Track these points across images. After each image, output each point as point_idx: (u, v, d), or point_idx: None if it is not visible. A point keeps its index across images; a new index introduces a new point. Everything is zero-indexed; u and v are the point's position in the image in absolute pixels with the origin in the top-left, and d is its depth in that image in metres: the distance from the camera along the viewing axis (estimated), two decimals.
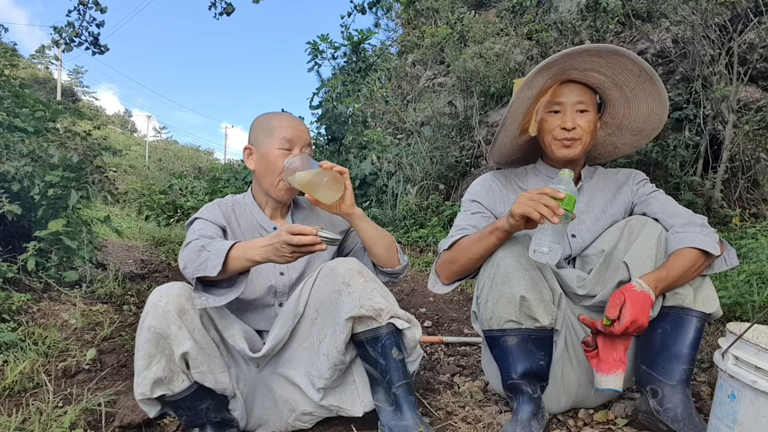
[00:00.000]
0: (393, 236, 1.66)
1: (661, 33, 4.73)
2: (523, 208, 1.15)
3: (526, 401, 1.30)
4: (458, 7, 8.12)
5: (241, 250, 1.16)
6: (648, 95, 1.40)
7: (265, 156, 1.41)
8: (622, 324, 1.17)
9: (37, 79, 27.84)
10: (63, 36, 5.90)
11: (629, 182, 1.51)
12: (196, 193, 8.34)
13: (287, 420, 1.38)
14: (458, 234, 1.40)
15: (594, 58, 1.33)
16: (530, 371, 1.29)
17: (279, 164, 1.38)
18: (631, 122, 1.49)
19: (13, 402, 1.54)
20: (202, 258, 1.19)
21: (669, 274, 1.23)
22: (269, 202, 1.47)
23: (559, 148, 1.41)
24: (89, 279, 2.86)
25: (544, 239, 1.16)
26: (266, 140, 1.41)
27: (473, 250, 1.33)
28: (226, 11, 5.83)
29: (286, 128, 1.41)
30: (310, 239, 1.10)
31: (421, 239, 5.02)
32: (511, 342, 1.29)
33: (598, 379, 1.25)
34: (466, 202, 1.53)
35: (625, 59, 1.32)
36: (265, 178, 1.42)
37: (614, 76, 1.39)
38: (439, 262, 1.44)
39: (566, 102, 1.39)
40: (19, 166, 2.59)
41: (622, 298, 1.19)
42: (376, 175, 6.57)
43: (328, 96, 7.78)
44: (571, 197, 1.15)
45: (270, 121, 1.44)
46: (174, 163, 25.69)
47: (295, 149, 1.41)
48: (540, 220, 1.13)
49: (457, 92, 6.56)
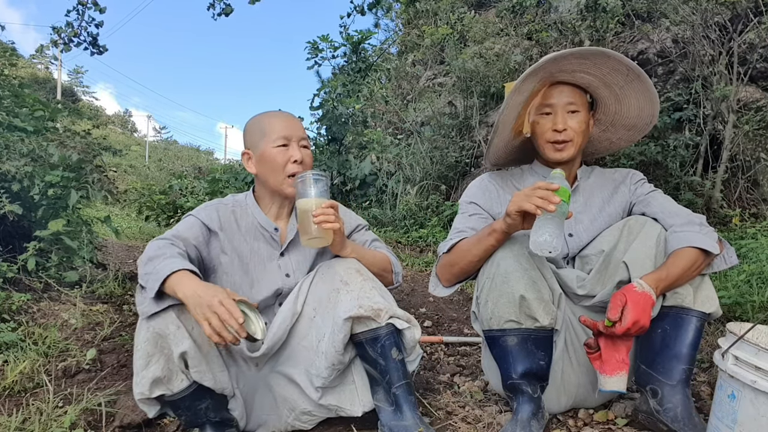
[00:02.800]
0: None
1: (661, 33, 4.73)
2: (517, 204, 1.16)
3: (526, 401, 1.30)
4: (458, 7, 8.12)
5: (176, 279, 1.15)
6: (637, 92, 1.41)
7: (263, 157, 1.40)
8: (624, 325, 1.17)
9: (36, 79, 27.84)
10: (62, 36, 5.87)
11: (627, 182, 1.51)
12: (196, 193, 8.33)
13: (286, 420, 1.38)
14: (457, 237, 1.40)
15: (580, 60, 1.34)
16: (530, 371, 1.29)
17: (279, 160, 1.38)
18: (623, 118, 1.50)
19: (13, 402, 1.54)
20: (148, 269, 1.19)
21: (669, 274, 1.23)
22: (275, 202, 1.46)
23: (551, 151, 1.42)
24: (89, 279, 2.86)
25: (543, 229, 1.15)
26: (261, 141, 1.41)
27: (473, 253, 1.33)
28: (224, 12, 5.81)
29: (279, 125, 1.41)
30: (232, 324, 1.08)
31: (421, 239, 5.01)
32: (511, 342, 1.29)
33: (601, 381, 1.25)
34: (463, 204, 1.53)
35: (611, 60, 1.33)
36: (271, 178, 1.41)
37: (603, 77, 1.40)
38: (438, 265, 1.44)
39: (557, 104, 1.40)
40: (19, 165, 2.58)
41: (624, 299, 1.19)
42: (375, 175, 6.57)
43: (329, 97, 7.77)
44: (564, 190, 1.15)
45: (262, 122, 1.44)
46: (174, 163, 25.68)
47: (292, 143, 1.40)
48: (536, 211, 1.13)
49: (457, 92, 6.55)
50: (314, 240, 1.29)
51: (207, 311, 1.09)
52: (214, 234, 1.40)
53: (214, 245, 1.40)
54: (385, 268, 1.47)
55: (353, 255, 1.40)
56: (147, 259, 1.23)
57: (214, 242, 1.40)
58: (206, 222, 1.39)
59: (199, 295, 1.11)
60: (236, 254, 1.41)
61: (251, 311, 1.20)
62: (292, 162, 1.38)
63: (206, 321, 1.09)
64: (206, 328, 1.09)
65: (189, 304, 1.12)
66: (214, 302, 1.09)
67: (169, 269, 1.15)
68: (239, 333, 1.09)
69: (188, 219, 1.40)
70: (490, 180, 1.55)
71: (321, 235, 1.28)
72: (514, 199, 1.18)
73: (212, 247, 1.39)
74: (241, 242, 1.42)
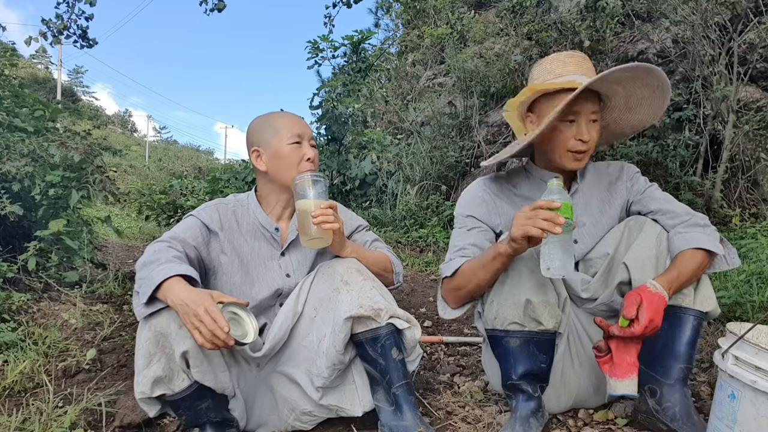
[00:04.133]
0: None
1: (661, 33, 4.73)
2: (522, 229, 1.11)
3: (526, 399, 1.30)
4: (458, 7, 8.12)
5: (167, 286, 1.15)
6: (652, 108, 1.40)
7: (277, 154, 1.41)
8: (642, 323, 1.15)
9: (36, 79, 27.84)
10: (51, 28, 5.83)
11: (622, 178, 1.47)
12: (197, 193, 8.33)
13: (287, 420, 1.38)
14: (458, 257, 1.37)
15: (623, 74, 1.29)
16: (531, 372, 1.29)
17: (294, 157, 1.40)
18: (620, 126, 1.48)
19: (13, 402, 1.54)
20: (143, 274, 1.20)
21: (680, 275, 1.23)
22: (281, 201, 1.47)
23: (570, 161, 1.36)
24: (89, 279, 2.86)
25: (554, 254, 1.13)
26: (274, 139, 1.41)
27: (479, 277, 1.29)
28: (217, 7, 5.78)
29: (293, 124, 1.44)
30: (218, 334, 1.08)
31: (421, 239, 5.02)
32: (514, 343, 1.28)
33: (612, 385, 1.23)
34: (460, 218, 1.47)
35: (653, 76, 1.28)
36: (283, 175, 1.41)
37: (633, 89, 1.36)
38: (444, 290, 1.40)
39: (582, 112, 1.32)
40: (19, 166, 2.58)
41: (639, 298, 1.17)
42: (375, 175, 6.57)
43: (329, 96, 7.77)
44: (567, 205, 1.11)
45: (273, 121, 1.45)
46: (174, 163, 25.70)
47: (304, 142, 1.42)
48: (542, 235, 1.09)
49: (457, 92, 6.56)
50: (314, 241, 1.29)
51: (195, 320, 1.09)
52: (214, 234, 1.40)
53: (214, 245, 1.40)
54: (386, 267, 1.47)
55: (353, 255, 1.40)
56: (142, 264, 1.23)
57: (214, 242, 1.40)
58: (206, 222, 1.39)
59: (186, 303, 1.11)
60: (236, 254, 1.41)
61: (243, 312, 1.20)
62: (305, 160, 1.40)
63: (196, 330, 1.10)
64: (197, 337, 1.10)
65: (178, 312, 1.13)
66: (200, 311, 1.09)
67: (161, 276, 1.15)
68: (226, 342, 1.09)
69: (188, 219, 1.40)
70: (485, 188, 1.48)
71: (321, 236, 1.28)
72: (516, 222, 1.13)
73: (212, 248, 1.39)
74: (242, 242, 1.43)
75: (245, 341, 1.16)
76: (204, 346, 1.10)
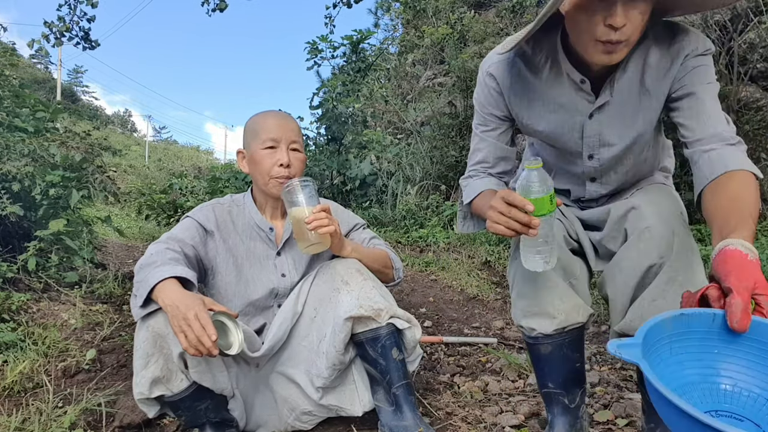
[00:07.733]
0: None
1: None
2: (494, 227, 1.00)
3: (561, 413, 1.23)
4: (458, 6, 8.12)
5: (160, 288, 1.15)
6: None
7: (252, 158, 1.40)
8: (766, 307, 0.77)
9: (36, 80, 27.85)
10: (53, 30, 5.83)
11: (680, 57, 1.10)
12: (197, 192, 8.33)
13: (287, 420, 1.38)
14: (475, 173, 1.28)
15: None
16: (567, 378, 1.21)
17: (265, 164, 1.37)
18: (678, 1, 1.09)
19: (13, 402, 1.54)
20: (140, 276, 1.20)
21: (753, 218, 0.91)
22: (269, 202, 1.47)
23: (598, 53, 1.01)
24: (89, 279, 2.86)
25: (532, 249, 1.06)
26: (253, 142, 1.41)
27: None
28: (218, 7, 5.79)
29: (270, 127, 1.40)
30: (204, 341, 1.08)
31: (421, 239, 5.01)
32: (545, 350, 1.20)
33: None
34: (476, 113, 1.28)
35: None
36: (257, 180, 1.42)
37: None
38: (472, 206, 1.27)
39: None
40: (20, 166, 2.58)
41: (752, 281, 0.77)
42: (375, 175, 6.57)
43: (328, 96, 7.78)
44: (544, 199, 0.99)
45: (256, 123, 1.43)
46: (174, 163, 25.68)
47: (281, 146, 1.38)
48: (515, 236, 1.01)
49: (457, 92, 6.56)
50: (313, 246, 1.29)
51: (183, 324, 1.09)
52: (210, 234, 1.40)
53: (211, 245, 1.40)
54: (386, 264, 1.47)
55: (353, 254, 1.40)
56: (140, 267, 1.24)
57: (211, 242, 1.40)
58: (202, 222, 1.40)
59: (177, 306, 1.10)
60: (231, 254, 1.41)
61: (231, 322, 1.19)
62: (278, 165, 1.36)
63: (182, 333, 1.09)
64: (182, 340, 1.09)
65: (168, 314, 1.12)
66: (190, 315, 1.08)
67: (156, 278, 1.15)
68: (210, 350, 1.09)
69: (185, 221, 1.41)
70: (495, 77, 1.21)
71: (319, 240, 1.28)
72: (490, 216, 1.01)
73: (209, 248, 1.40)
74: (237, 242, 1.43)
75: (229, 352, 1.15)
76: (188, 351, 1.09)
